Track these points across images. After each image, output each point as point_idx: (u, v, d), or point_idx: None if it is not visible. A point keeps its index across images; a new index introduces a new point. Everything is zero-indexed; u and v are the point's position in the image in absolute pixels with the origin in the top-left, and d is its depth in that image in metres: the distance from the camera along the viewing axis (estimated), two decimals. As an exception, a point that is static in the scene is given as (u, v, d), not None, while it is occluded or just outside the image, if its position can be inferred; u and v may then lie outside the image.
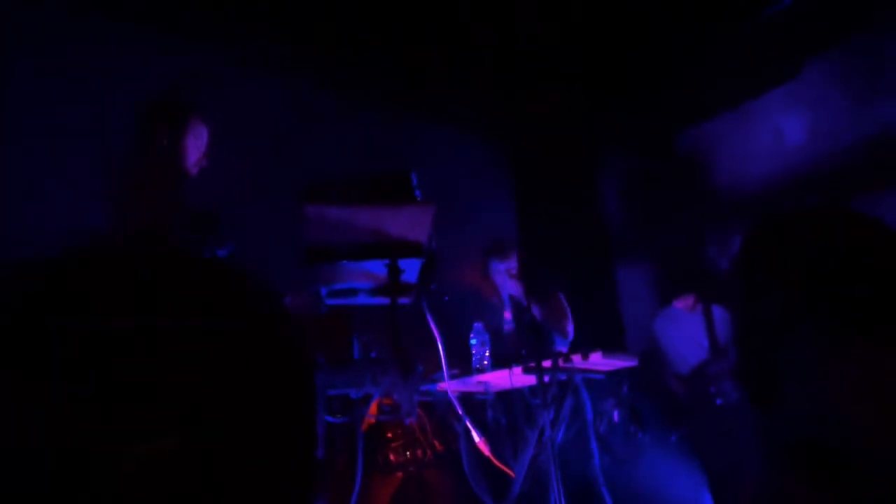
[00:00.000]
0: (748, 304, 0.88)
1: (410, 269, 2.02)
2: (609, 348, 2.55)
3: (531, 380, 2.56)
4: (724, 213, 4.72)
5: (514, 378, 2.54)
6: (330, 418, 2.20)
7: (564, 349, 3.18)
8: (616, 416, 2.96)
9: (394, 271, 1.94)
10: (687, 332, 4.19)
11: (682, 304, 4.23)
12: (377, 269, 1.99)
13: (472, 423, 2.58)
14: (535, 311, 3.26)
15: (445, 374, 2.37)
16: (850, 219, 0.86)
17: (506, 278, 3.47)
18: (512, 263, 3.51)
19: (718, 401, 4.01)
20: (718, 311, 4.09)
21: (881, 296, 0.79)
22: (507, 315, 3.48)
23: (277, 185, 2.89)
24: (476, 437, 2.59)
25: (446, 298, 2.49)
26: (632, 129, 5.25)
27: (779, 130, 4.70)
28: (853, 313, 0.78)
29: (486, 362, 2.66)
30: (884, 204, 3.98)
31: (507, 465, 2.65)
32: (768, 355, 0.84)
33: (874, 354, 0.71)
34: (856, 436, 0.62)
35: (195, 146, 2.19)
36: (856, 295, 0.79)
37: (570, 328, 3.40)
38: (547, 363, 2.45)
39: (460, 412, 2.53)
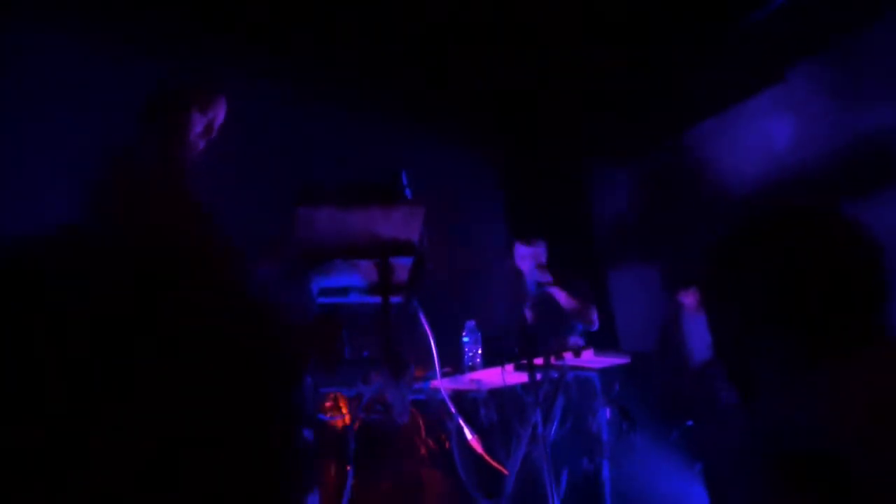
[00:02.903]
0: (719, 314, 0.86)
1: (401, 267, 2.03)
2: (601, 347, 2.57)
3: (523, 377, 2.58)
4: (711, 216, 4.75)
5: (506, 376, 2.56)
6: (323, 417, 2.21)
7: (582, 340, 3.18)
8: (607, 413, 2.97)
9: (385, 270, 1.96)
10: (694, 328, 4.20)
11: (688, 300, 4.24)
12: (368, 267, 2.01)
13: (464, 422, 2.59)
14: (560, 297, 3.25)
15: (438, 372, 2.38)
16: (820, 221, 0.82)
17: (531, 264, 3.39)
18: (540, 249, 3.46)
19: (723, 400, 4.01)
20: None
21: (847, 307, 0.76)
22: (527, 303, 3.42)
23: (270, 190, 2.90)
24: (469, 435, 2.61)
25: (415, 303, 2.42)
26: (621, 133, 5.28)
27: (765, 135, 4.74)
28: (818, 327, 0.75)
29: (478, 360, 2.68)
30: (868, 207, 4.02)
31: (499, 462, 2.66)
32: (741, 363, 0.83)
33: (841, 368, 0.70)
34: (834, 445, 0.61)
35: (201, 120, 2.04)
36: (821, 308, 0.76)
37: (595, 316, 3.36)
38: (539, 361, 2.47)
39: (453, 410, 2.55)
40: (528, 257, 3.44)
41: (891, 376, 0.68)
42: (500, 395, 2.82)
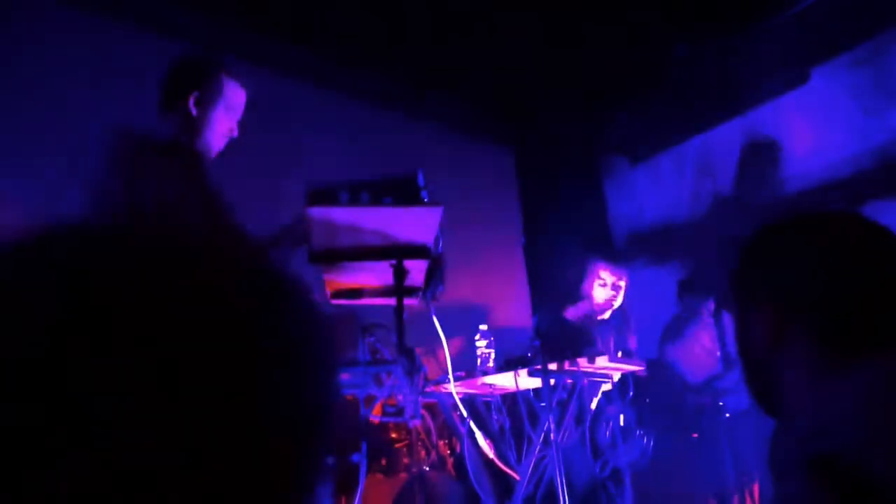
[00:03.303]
0: (742, 318, 0.85)
1: (416, 270, 2.02)
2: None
3: (536, 383, 2.55)
4: (731, 220, 4.70)
5: (519, 381, 2.53)
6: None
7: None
8: (622, 420, 2.94)
9: (399, 272, 1.94)
10: (700, 340, 4.16)
11: (701, 307, 4.20)
12: (383, 269, 1.99)
13: (476, 426, 2.57)
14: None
15: (451, 376, 2.36)
16: (848, 225, 0.81)
17: (610, 294, 3.25)
18: (621, 276, 3.32)
19: (727, 413, 3.97)
20: (731, 322, 4.06)
21: (875, 314, 0.75)
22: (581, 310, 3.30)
23: (282, 188, 2.89)
24: (480, 440, 2.59)
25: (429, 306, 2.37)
26: (640, 134, 5.24)
27: (787, 138, 4.68)
28: (845, 335, 0.74)
29: (491, 365, 2.66)
30: (891, 212, 3.96)
31: (511, 467, 2.64)
32: (764, 369, 0.82)
33: (870, 376, 0.68)
34: (865, 452, 0.60)
35: (226, 115, 1.94)
36: (848, 315, 0.75)
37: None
38: (552, 366, 2.44)
39: (465, 414, 2.53)
40: (608, 285, 3.25)
41: None
42: (512, 399, 2.79)
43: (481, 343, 2.71)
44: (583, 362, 2.47)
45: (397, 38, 3.91)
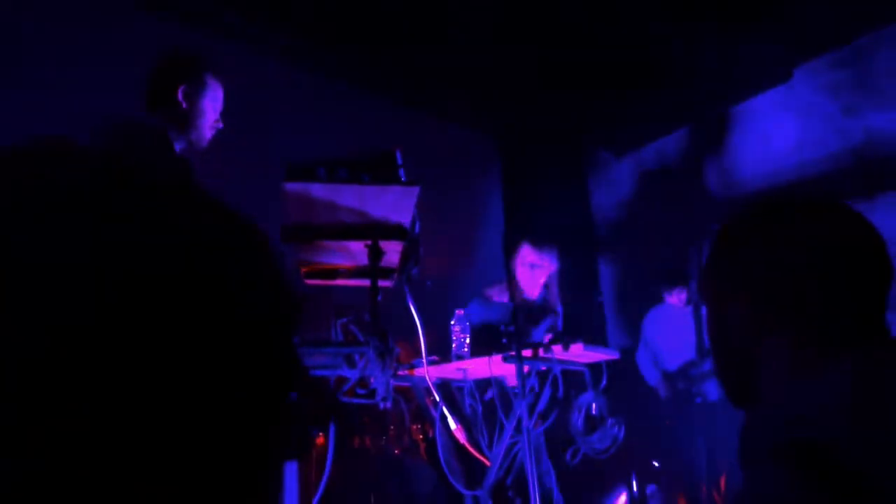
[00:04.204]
0: (718, 309, 0.83)
1: (392, 251, 1.99)
2: (591, 340, 2.54)
3: (510, 369, 2.55)
4: (711, 213, 4.74)
5: (493, 367, 2.52)
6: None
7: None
8: (594, 408, 2.95)
9: (374, 253, 1.91)
10: (676, 329, 4.21)
11: (674, 299, 4.24)
12: (358, 249, 1.96)
13: (449, 410, 2.56)
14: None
15: (424, 359, 2.35)
16: (828, 214, 0.79)
17: (536, 275, 3.13)
18: (552, 259, 3.16)
19: (698, 399, 4.04)
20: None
21: (854, 306, 0.74)
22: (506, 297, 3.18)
23: (259, 165, 2.84)
24: (453, 425, 2.58)
25: (428, 284, 2.46)
26: (623, 126, 5.25)
27: (767, 135, 4.71)
28: (824, 327, 0.73)
29: (465, 349, 2.64)
30: (869, 212, 4.00)
31: (482, 453, 2.64)
32: (741, 359, 0.80)
33: (848, 368, 0.68)
34: (842, 440, 0.59)
35: (212, 107, 2.07)
36: (827, 306, 0.74)
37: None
38: (527, 352, 2.43)
39: (438, 399, 2.51)
40: (536, 266, 3.13)
41: (892, 370, 0.66)
42: (486, 385, 2.79)
43: (457, 327, 2.70)
44: (557, 349, 2.46)
45: (384, 28, 3.85)
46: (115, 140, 1.75)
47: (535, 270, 3.15)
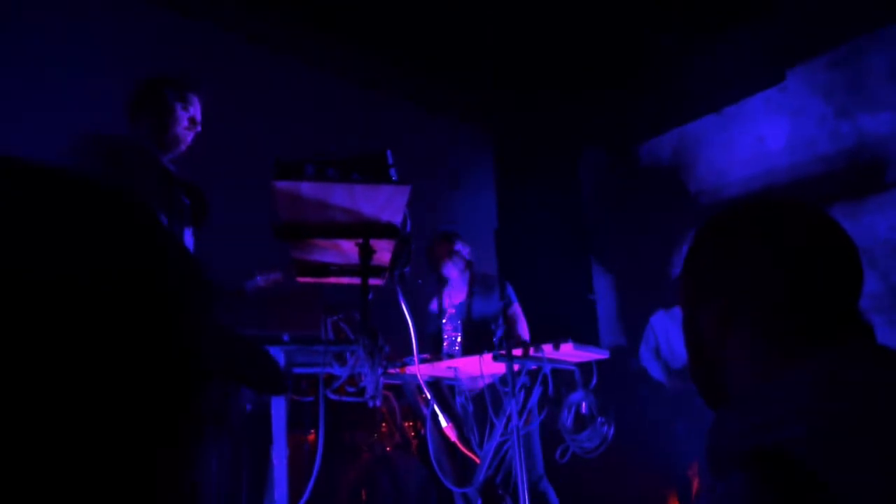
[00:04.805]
0: (691, 309, 0.83)
1: (383, 249, 1.99)
2: (581, 339, 2.55)
3: (501, 368, 2.55)
4: (702, 214, 4.75)
5: (483, 365, 2.53)
6: (296, 397, 2.17)
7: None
8: (584, 407, 2.96)
9: (366, 251, 1.91)
10: (673, 326, 4.27)
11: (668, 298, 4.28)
12: (349, 248, 1.96)
13: (439, 408, 2.57)
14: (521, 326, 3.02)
15: (416, 357, 2.35)
16: (797, 215, 0.78)
17: (460, 266, 3.14)
18: (442, 243, 3.17)
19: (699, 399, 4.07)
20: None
21: (822, 307, 0.74)
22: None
23: (250, 162, 2.84)
24: (443, 423, 2.58)
25: (420, 282, 2.47)
26: (616, 125, 5.25)
27: (760, 136, 4.73)
28: (790, 328, 0.73)
29: (457, 348, 2.65)
30: (860, 213, 4.03)
31: (472, 451, 2.64)
32: (710, 361, 0.81)
33: (814, 370, 0.68)
34: (808, 446, 0.60)
35: (181, 116, 2.15)
36: (793, 307, 0.74)
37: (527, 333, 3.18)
38: (517, 351, 2.44)
39: (428, 396, 2.52)
40: (459, 258, 3.10)
41: (856, 372, 0.66)
42: (476, 383, 2.79)
43: (449, 326, 2.70)
44: (548, 349, 2.47)
45: (379, 23, 3.84)
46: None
47: (448, 256, 3.15)
